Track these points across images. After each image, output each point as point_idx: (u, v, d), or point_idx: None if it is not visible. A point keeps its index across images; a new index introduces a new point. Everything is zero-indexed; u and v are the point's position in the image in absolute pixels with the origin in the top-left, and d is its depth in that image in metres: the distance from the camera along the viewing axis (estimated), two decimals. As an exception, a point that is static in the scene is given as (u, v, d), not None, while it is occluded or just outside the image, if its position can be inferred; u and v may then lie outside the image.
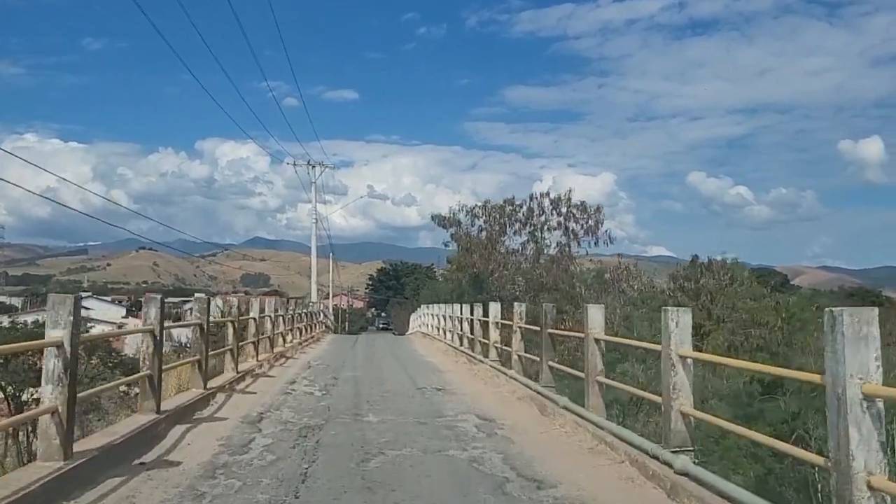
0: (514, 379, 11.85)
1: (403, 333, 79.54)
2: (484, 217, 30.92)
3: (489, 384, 12.59)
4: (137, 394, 8.74)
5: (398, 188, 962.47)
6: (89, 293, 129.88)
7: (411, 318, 40.40)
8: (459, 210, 31.50)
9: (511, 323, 13.38)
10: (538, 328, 11.38)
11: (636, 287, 27.12)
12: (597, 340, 8.33)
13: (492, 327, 15.43)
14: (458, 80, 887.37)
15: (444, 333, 23.40)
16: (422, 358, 19.71)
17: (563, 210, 30.74)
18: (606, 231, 31.28)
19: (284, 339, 19.88)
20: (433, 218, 31.22)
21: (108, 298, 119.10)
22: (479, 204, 31.24)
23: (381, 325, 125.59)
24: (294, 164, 50.23)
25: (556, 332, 16.30)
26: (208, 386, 10.24)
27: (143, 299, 8.43)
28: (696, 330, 23.62)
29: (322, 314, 34.17)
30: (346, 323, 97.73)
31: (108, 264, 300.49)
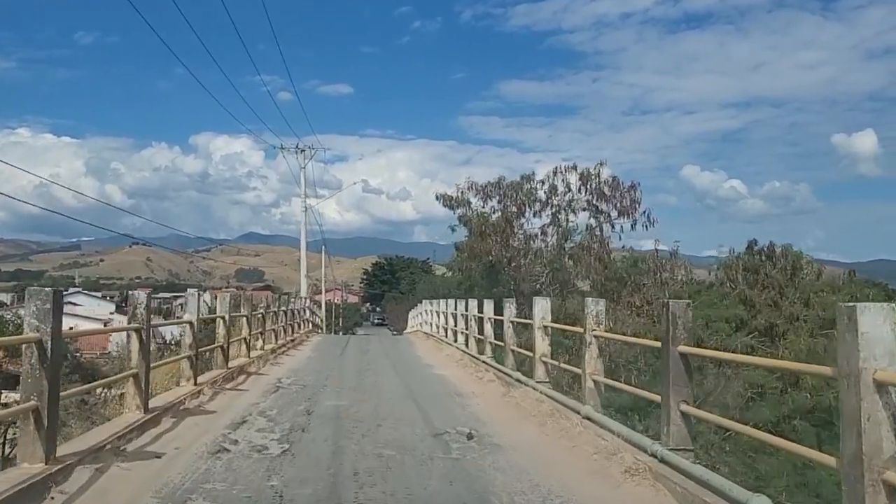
0: (605, 428, 7.03)
1: (401, 331, 74.59)
2: (498, 196, 25.38)
3: (552, 430, 7.78)
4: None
5: (393, 183, 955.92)
6: (78, 288, 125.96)
7: (410, 316, 35.56)
8: (469, 188, 25.99)
9: (577, 330, 8.66)
10: (653, 343, 6.70)
11: (679, 278, 22.50)
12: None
13: (538, 335, 10.68)
14: (453, 74, 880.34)
15: (455, 336, 18.70)
16: (430, 371, 14.93)
17: (592, 187, 24.95)
18: (645, 212, 25.35)
19: (250, 347, 15.06)
20: (438, 198, 26.04)
21: (98, 294, 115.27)
22: (492, 181, 25.73)
23: (376, 321, 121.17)
24: (282, 149, 45.61)
25: (636, 340, 11.63)
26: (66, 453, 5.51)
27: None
28: (769, 330, 18.92)
29: (309, 311, 29.32)
30: (340, 318, 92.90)
31: (102, 260, 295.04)
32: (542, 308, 10.74)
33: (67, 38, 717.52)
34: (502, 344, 13.58)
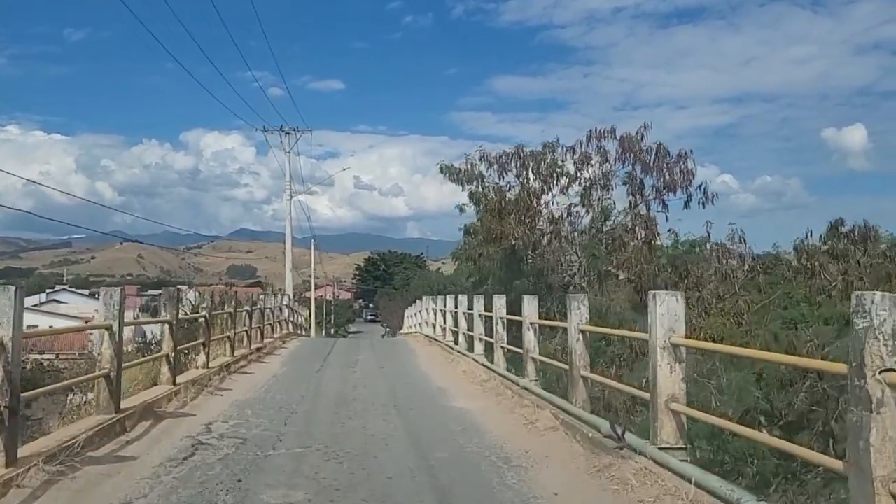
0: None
1: (395, 330, 69.65)
2: (516, 168, 19.62)
3: None
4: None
5: (385, 179, 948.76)
6: (65, 286, 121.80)
7: (406, 314, 30.51)
8: (480, 159, 19.98)
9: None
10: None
11: (741, 265, 17.69)
12: None
13: (661, 360, 5.78)
14: (445, 69, 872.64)
15: (470, 343, 13.82)
16: (449, 404, 9.75)
17: (635, 155, 19.09)
18: (701, 185, 19.47)
19: (175, 368, 10.08)
20: (443, 170, 20.12)
21: (86, 292, 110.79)
22: (509, 149, 20.14)
23: (368, 317, 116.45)
24: (265, 132, 40.76)
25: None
26: None
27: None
28: None
29: (289, 310, 24.31)
30: (332, 315, 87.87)
31: (93, 257, 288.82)
32: (672, 308, 5.85)
33: (57, 35, 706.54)
34: (543, 361, 8.81)
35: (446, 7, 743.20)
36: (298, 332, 24.74)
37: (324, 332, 74.95)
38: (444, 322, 17.66)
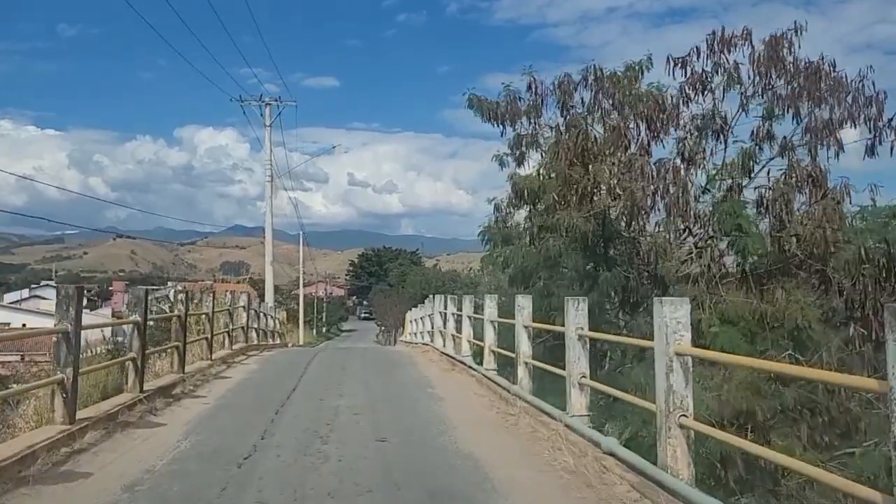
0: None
1: (392, 331, 64.40)
2: (588, 100, 12.43)
3: None
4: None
5: (379, 176, 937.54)
6: (50, 281, 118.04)
7: (408, 318, 25.52)
8: (530, 88, 12.88)
9: None
10: None
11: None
12: None
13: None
14: (439, 67, 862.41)
15: (529, 379, 8.93)
16: None
17: (785, 73, 11.54)
18: (892, 121, 11.43)
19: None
20: (472, 104, 13.19)
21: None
22: (579, 70, 12.73)
23: (362, 315, 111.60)
24: (241, 102, 35.77)
25: None
26: None
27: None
28: None
29: (256, 314, 19.52)
30: (324, 314, 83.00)
31: (86, 253, 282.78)
32: None
33: (50, 30, 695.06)
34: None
35: (440, 5, 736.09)
36: (268, 340, 19.86)
37: (314, 332, 70.13)
38: (466, 333, 12.89)
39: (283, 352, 18.00)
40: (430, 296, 18.47)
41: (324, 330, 79.16)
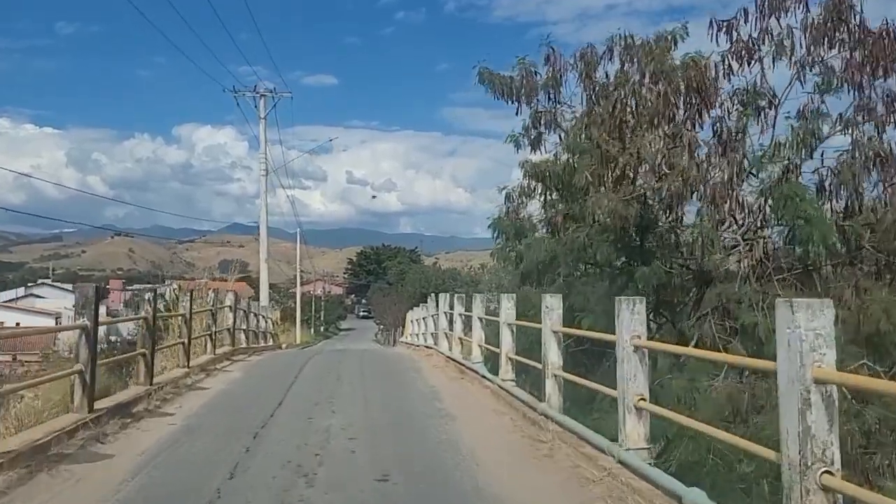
0: None
1: (391, 330, 62.74)
2: (618, 64, 10.54)
3: None
4: None
5: (377, 174, 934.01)
6: (45, 280, 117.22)
7: (409, 318, 23.88)
8: (547, 62, 11.08)
9: None
10: None
11: None
12: None
13: None
14: (437, 64, 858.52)
15: (558, 395, 7.37)
16: None
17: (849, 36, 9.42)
18: None
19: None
20: (483, 79, 11.55)
21: (70, 287, 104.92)
22: (606, 41, 10.70)
23: (361, 313, 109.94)
24: (234, 93, 34.22)
25: None
26: None
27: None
28: None
29: (254, 316, 18.05)
30: (322, 313, 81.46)
31: (84, 251, 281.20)
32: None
33: (48, 28, 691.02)
34: None
35: (438, 3, 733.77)
36: (260, 342, 18.35)
37: (312, 331, 68.57)
38: (477, 337, 11.35)
39: (274, 356, 16.45)
40: (432, 294, 16.95)
41: (322, 329, 77.62)
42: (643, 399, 5.27)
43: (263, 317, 20.35)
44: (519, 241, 13.17)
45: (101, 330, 14.42)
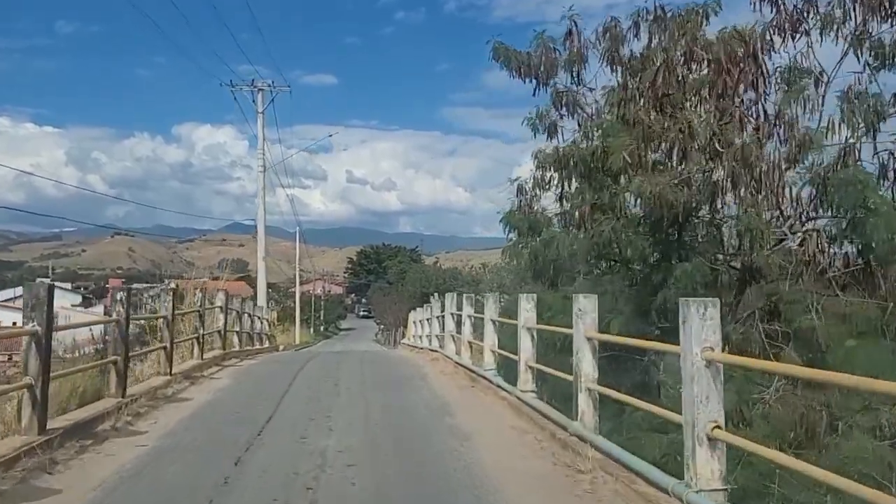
0: None
1: (392, 331, 61.52)
2: (646, 40, 9.30)
3: None
4: None
5: (377, 173, 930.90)
6: (43, 279, 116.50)
7: (412, 318, 22.70)
8: (567, 37, 9.91)
9: None
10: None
11: None
12: None
13: None
14: (437, 64, 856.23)
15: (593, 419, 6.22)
16: None
17: None
18: None
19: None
20: (497, 54, 10.39)
21: (68, 286, 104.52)
22: (631, 15, 9.50)
23: (361, 313, 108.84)
24: (232, 87, 33.12)
25: None
26: None
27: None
28: None
29: (248, 316, 16.93)
30: (322, 312, 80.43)
31: (84, 250, 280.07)
32: None
33: (48, 28, 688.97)
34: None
35: (438, 2, 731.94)
36: (255, 344, 17.22)
37: (311, 330, 67.45)
38: (490, 342, 10.24)
39: (269, 360, 15.31)
40: (434, 294, 15.80)
41: (322, 328, 76.56)
42: (718, 427, 4.17)
43: (258, 317, 19.22)
44: (533, 236, 12.09)
45: (97, 329, 13.20)
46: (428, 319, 17.04)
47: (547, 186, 12.16)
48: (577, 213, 9.23)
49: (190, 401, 8.60)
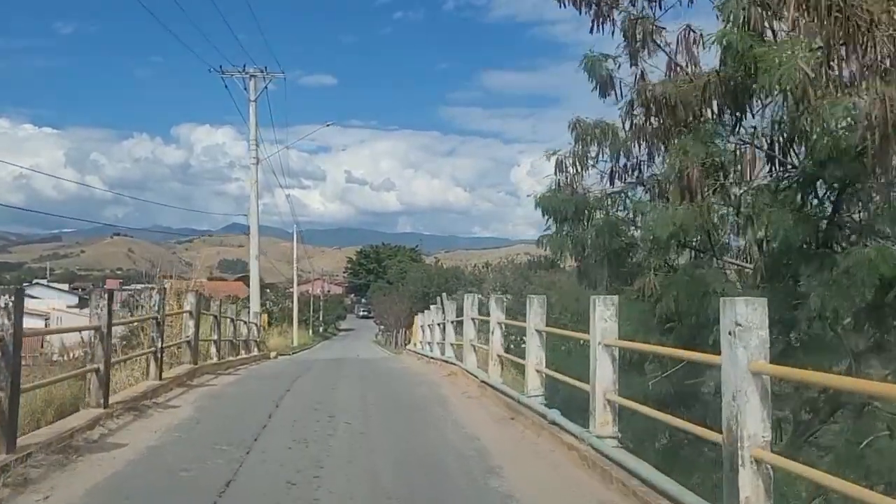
0: None
1: (392, 332, 58.75)
2: None
3: None
4: None
5: (377, 173, 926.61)
6: (41, 280, 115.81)
7: (419, 322, 19.76)
8: None
9: None
10: None
11: None
12: None
13: None
14: (436, 64, 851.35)
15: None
16: None
17: None
18: None
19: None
20: None
21: (65, 287, 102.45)
22: None
23: (361, 313, 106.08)
24: (222, 73, 30.38)
25: None
26: None
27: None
28: None
29: (230, 322, 14.22)
30: (321, 312, 77.74)
31: (83, 251, 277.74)
32: None
33: (47, 28, 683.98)
34: None
35: (437, 2, 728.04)
36: (240, 353, 14.54)
37: (310, 331, 64.73)
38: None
39: (252, 375, 12.54)
40: (442, 295, 13.20)
41: (321, 329, 73.85)
42: None
43: (245, 322, 16.52)
44: (578, 223, 9.51)
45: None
46: (440, 324, 14.33)
47: (594, 162, 9.72)
48: (680, 177, 6.46)
49: (120, 449, 5.84)
